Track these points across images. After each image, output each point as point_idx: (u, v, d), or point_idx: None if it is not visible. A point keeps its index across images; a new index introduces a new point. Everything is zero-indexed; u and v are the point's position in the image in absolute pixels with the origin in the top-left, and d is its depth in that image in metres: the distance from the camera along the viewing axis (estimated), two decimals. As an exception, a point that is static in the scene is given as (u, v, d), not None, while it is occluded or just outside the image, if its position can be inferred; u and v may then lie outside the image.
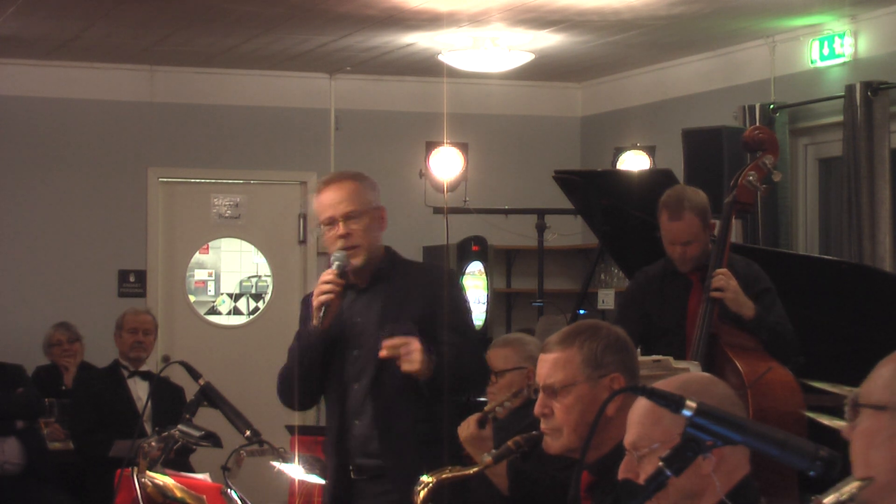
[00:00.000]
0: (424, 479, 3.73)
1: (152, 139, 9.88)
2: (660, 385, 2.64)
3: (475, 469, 3.71)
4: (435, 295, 4.36)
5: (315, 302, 4.28)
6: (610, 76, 10.23)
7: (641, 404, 2.67)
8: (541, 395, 3.26)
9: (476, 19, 8.01)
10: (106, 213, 9.77)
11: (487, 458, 3.73)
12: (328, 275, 4.28)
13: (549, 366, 3.25)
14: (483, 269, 9.81)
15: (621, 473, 2.68)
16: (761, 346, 5.36)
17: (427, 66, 9.56)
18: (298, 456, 4.21)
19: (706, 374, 2.90)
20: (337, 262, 4.31)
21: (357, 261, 4.34)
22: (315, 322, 4.29)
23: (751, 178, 5.47)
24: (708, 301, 5.30)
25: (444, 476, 3.72)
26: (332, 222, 4.37)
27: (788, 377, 5.28)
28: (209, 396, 4.29)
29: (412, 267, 4.54)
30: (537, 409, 3.26)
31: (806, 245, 8.60)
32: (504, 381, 5.10)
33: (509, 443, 3.66)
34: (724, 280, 5.28)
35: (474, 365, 4.41)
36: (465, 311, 4.48)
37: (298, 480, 4.46)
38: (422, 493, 3.71)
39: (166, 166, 9.95)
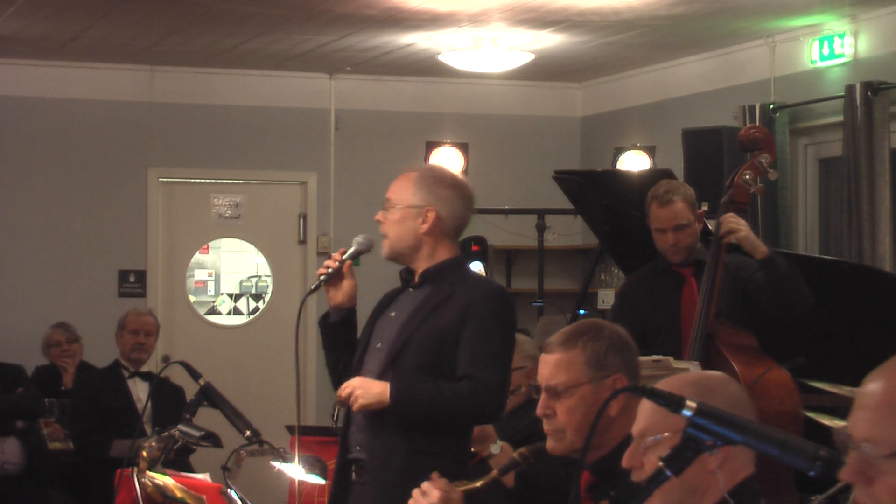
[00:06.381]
0: None
1: (152, 139, 9.87)
2: (676, 382, 2.64)
3: (481, 482, 3.68)
4: (470, 313, 4.14)
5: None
6: (610, 76, 10.23)
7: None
8: (543, 396, 3.24)
9: (476, 19, 8.01)
10: (106, 213, 9.77)
11: (493, 472, 3.72)
12: (338, 253, 4.31)
13: (551, 367, 3.23)
14: (483, 270, 9.81)
15: (625, 462, 2.68)
16: (758, 345, 5.36)
17: (427, 66, 9.56)
18: (298, 456, 4.20)
19: (721, 373, 2.89)
20: (356, 242, 4.32)
21: (384, 252, 4.31)
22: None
23: (747, 177, 5.48)
24: (716, 250, 5.30)
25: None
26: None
27: (784, 377, 5.28)
28: (209, 396, 4.29)
29: (467, 277, 4.29)
30: (540, 410, 3.25)
31: (806, 245, 8.60)
32: None
33: (515, 454, 3.64)
34: (734, 220, 5.29)
35: (468, 409, 4.09)
36: (489, 340, 4.12)
37: (298, 480, 4.45)
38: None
39: (166, 166, 9.95)
